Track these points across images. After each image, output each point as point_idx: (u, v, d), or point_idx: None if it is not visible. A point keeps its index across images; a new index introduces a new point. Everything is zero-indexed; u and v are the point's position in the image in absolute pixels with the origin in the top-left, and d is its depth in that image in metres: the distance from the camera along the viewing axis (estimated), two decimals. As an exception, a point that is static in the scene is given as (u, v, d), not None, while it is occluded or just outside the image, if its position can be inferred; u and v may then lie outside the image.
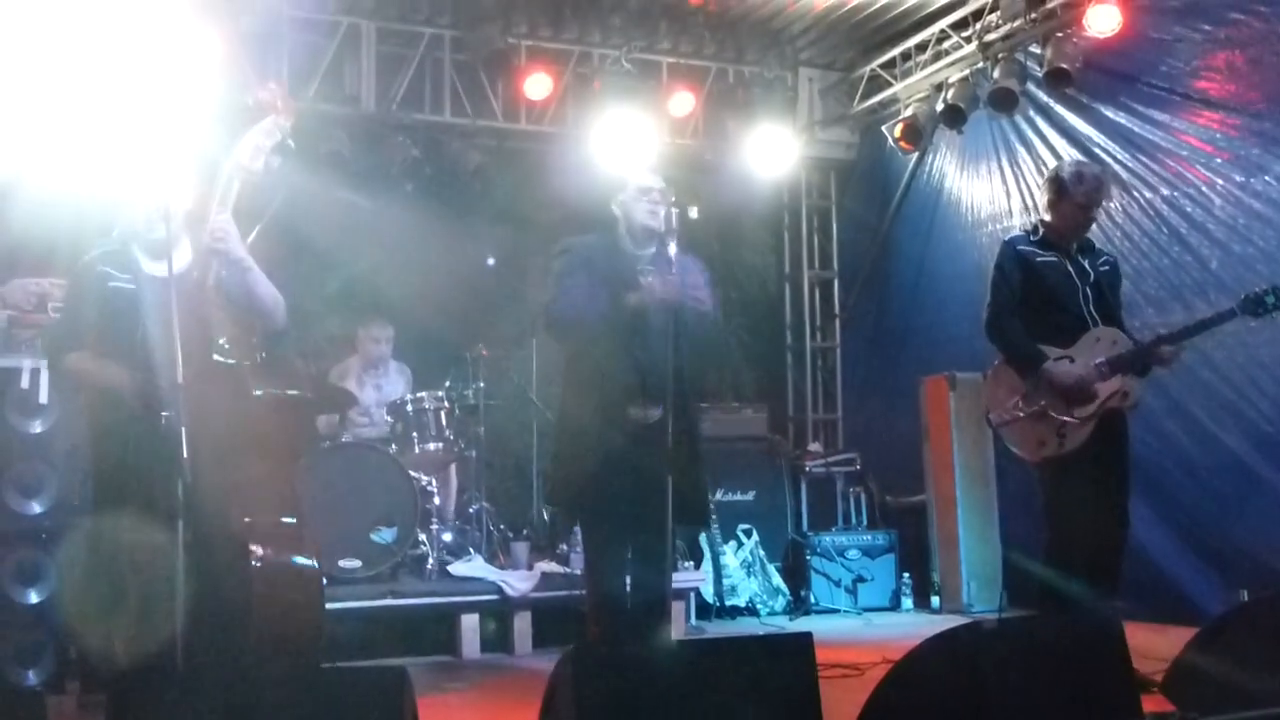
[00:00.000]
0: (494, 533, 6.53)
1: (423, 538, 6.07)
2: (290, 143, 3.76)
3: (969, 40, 7.29)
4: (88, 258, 3.73)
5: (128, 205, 3.70)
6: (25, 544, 4.86)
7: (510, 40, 7.48)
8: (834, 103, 8.51)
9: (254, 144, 3.66)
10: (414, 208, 7.82)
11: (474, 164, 7.53)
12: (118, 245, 3.71)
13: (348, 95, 7.40)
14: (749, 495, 7.46)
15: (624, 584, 3.89)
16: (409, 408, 6.31)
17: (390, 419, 6.41)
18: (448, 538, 6.30)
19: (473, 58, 7.49)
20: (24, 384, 4.96)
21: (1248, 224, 5.73)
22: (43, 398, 4.94)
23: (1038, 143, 7.02)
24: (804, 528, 7.56)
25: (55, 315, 4.84)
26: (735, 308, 4.28)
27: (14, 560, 4.86)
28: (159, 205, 3.50)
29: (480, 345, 6.79)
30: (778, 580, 7.15)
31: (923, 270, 8.04)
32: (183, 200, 3.67)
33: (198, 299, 3.51)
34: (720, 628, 6.62)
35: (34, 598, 4.86)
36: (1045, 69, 6.72)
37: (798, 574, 7.26)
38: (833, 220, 9.08)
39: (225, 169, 3.64)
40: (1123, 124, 6.44)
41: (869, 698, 2.86)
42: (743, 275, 8.42)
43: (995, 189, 7.41)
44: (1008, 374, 4.63)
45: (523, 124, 7.80)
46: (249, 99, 3.98)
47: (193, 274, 3.61)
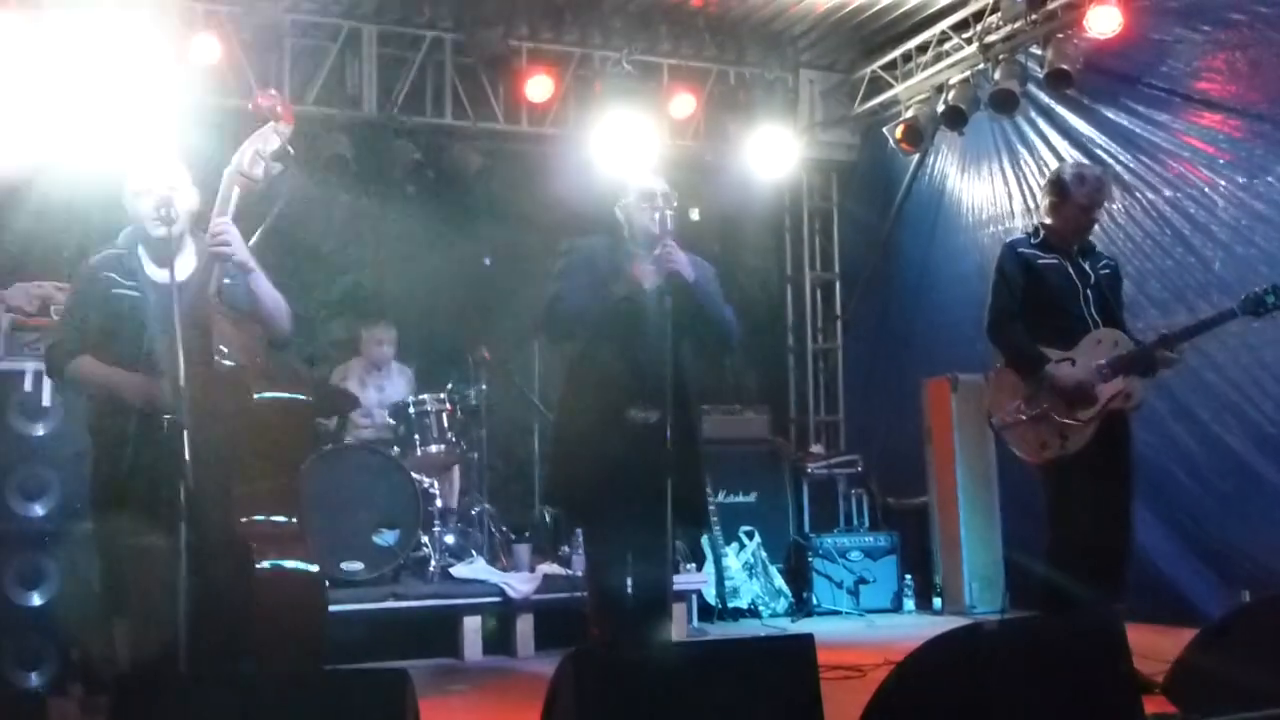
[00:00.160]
0: (496, 535, 6.52)
1: (425, 540, 6.07)
2: (290, 149, 3.75)
3: (970, 42, 7.30)
4: (90, 263, 3.71)
5: (132, 206, 3.69)
6: (28, 547, 4.88)
7: (511, 43, 7.49)
8: (835, 104, 8.51)
9: (254, 150, 3.65)
10: (416, 210, 7.85)
11: (475, 166, 7.54)
12: (123, 250, 3.70)
13: (349, 98, 7.41)
14: (751, 497, 7.47)
15: (624, 583, 3.89)
16: (411, 410, 6.31)
17: (392, 421, 6.42)
18: (450, 540, 6.30)
19: (474, 60, 7.50)
20: (27, 387, 4.97)
21: (1251, 225, 5.72)
22: (45, 401, 4.96)
23: (1039, 144, 7.01)
24: (806, 529, 7.56)
25: (56, 320, 4.85)
26: (737, 310, 4.28)
27: (16, 563, 4.87)
28: (162, 204, 3.50)
29: (482, 347, 6.79)
30: (780, 582, 7.15)
31: (924, 272, 8.03)
32: (187, 201, 3.68)
33: (202, 305, 3.51)
34: (722, 629, 6.62)
35: (36, 600, 4.88)
36: (1046, 70, 6.71)
37: (800, 576, 7.27)
38: (834, 222, 9.08)
39: (225, 175, 3.63)
40: (1124, 125, 6.43)
41: (871, 699, 2.85)
42: (744, 277, 8.41)
43: (997, 190, 7.40)
44: (1009, 376, 4.64)
45: (524, 126, 7.80)
46: (249, 105, 3.98)
47: (197, 280, 3.61)
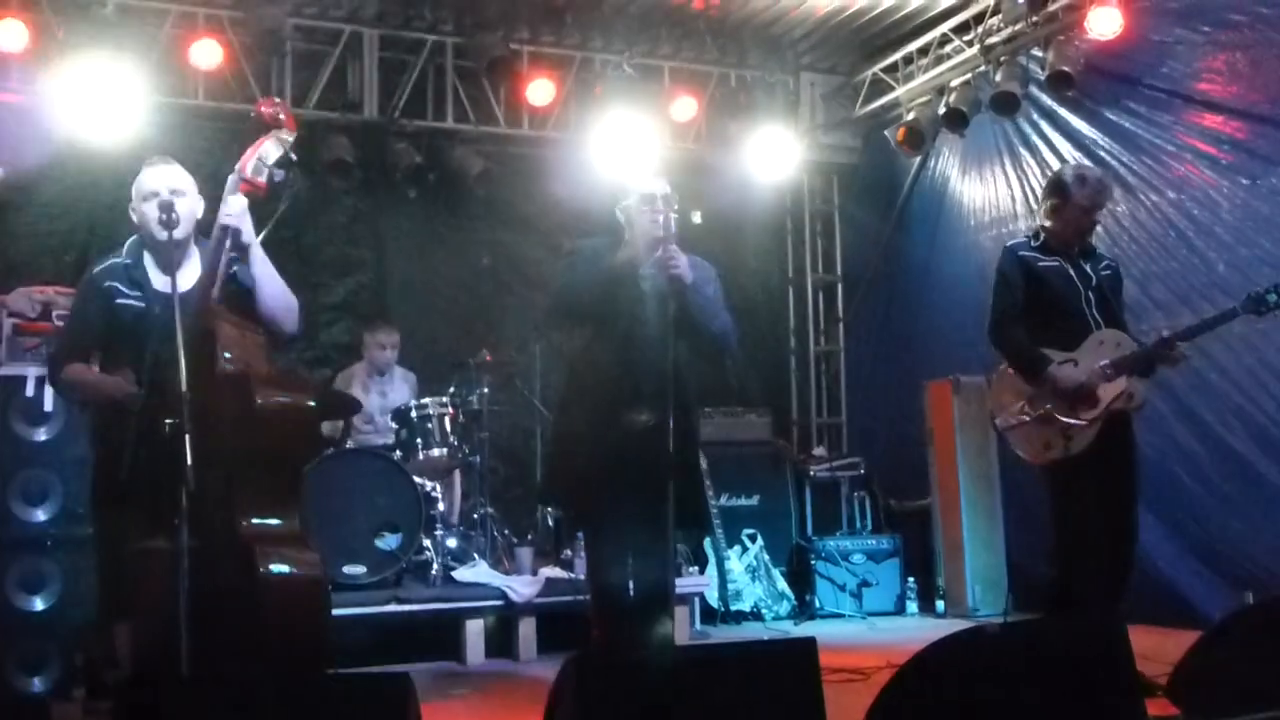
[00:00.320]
0: (498, 538, 6.52)
1: (427, 543, 6.07)
2: (293, 156, 3.76)
3: (970, 44, 7.30)
4: (95, 272, 3.71)
5: (138, 211, 3.69)
6: (30, 552, 4.88)
7: (512, 46, 7.50)
8: (836, 107, 8.51)
9: (257, 158, 3.66)
10: (417, 214, 7.86)
11: (477, 170, 7.55)
12: (128, 260, 3.69)
13: (350, 102, 7.41)
14: (753, 500, 7.46)
15: (622, 582, 3.90)
16: (413, 414, 6.31)
17: (395, 425, 6.41)
18: (452, 543, 6.30)
19: (475, 64, 7.50)
20: (29, 392, 4.98)
21: (1255, 226, 5.69)
22: (47, 406, 4.96)
23: (1041, 146, 7.00)
24: (808, 532, 7.56)
25: (59, 327, 4.86)
26: (738, 312, 4.27)
27: (18, 568, 4.87)
28: (166, 208, 3.50)
29: (484, 351, 6.79)
30: (782, 585, 7.14)
31: (926, 274, 8.03)
32: (192, 207, 3.68)
33: (206, 312, 3.51)
34: (725, 633, 6.61)
35: (39, 605, 4.88)
36: (1047, 72, 6.71)
37: (802, 578, 7.26)
38: (835, 224, 9.08)
39: (229, 183, 3.64)
40: (1127, 127, 6.42)
41: (874, 702, 2.85)
42: (745, 279, 8.41)
43: (999, 192, 7.39)
44: (1012, 378, 4.64)
45: (525, 130, 7.80)
46: (251, 111, 3.98)
47: (201, 286, 3.61)
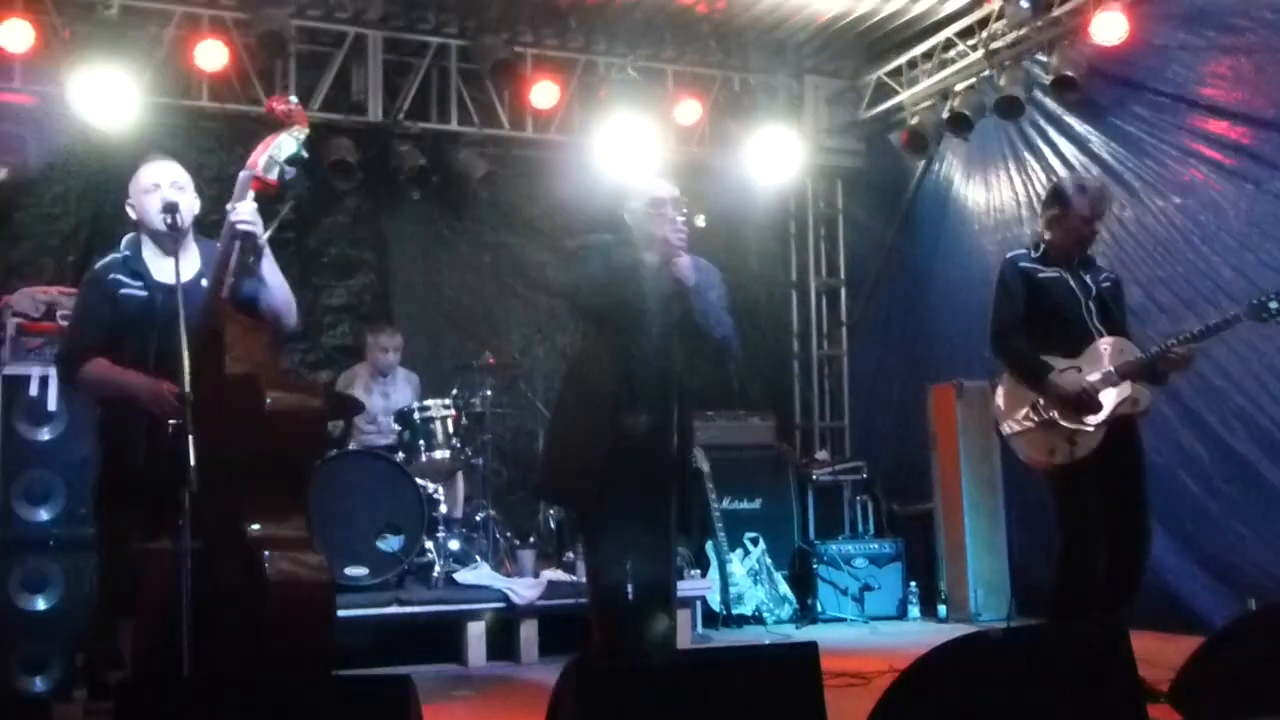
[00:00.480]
0: (500, 540, 6.52)
1: (429, 545, 6.07)
2: (305, 154, 3.77)
3: (975, 48, 7.30)
4: (96, 268, 3.73)
5: (138, 205, 3.70)
6: (33, 551, 4.89)
7: (516, 49, 7.51)
8: (840, 110, 8.51)
9: (269, 155, 3.66)
10: (420, 216, 7.87)
11: (480, 172, 7.55)
12: (127, 251, 3.71)
13: (354, 104, 7.42)
14: (755, 503, 7.46)
15: (621, 583, 3.89)
16: (416, 415, 6.31)
17: (397, 427, 6.42)
18: (454, 545, 6.29)
19: (479, 67, 7.51)
20: (33, 392, 4.99)
21: (1260, 231, 5.68)
22: (51, 405, 4.97)
23: (1046, 150, 7.00)
24: (811, 536, 7.56)
25: (65, 325, 4.86)
26: (741, 316, 4.26)
27: (21, 568, 4.88)
28: (167, 205, 3.51)
29: (487, 353, 6.80)
30: (784, 588, 7.13)
31: (930, 277, 8.02)
32: (190, 203, 3.69)
33: (210, 308, 3.51)
34: (726, 636, 6.60)
35: (41, 605, 4.89)
36: (1051, 76, 6.71)
37: (804, 582, 7.26)
38: (839, 228, 9.08)
39: (240, 179, 3.64)
40: (1131, 131, 6.41)
41: (875, 707, 2.84)
42: (749, 283, 8.40)
43: (1003, 196, 7.39)
44: (1015, 386, 4.62)
45: (529, 132, 7.81)
46: (262, 109, 3.99)
47: (202, 281, 3.62)
